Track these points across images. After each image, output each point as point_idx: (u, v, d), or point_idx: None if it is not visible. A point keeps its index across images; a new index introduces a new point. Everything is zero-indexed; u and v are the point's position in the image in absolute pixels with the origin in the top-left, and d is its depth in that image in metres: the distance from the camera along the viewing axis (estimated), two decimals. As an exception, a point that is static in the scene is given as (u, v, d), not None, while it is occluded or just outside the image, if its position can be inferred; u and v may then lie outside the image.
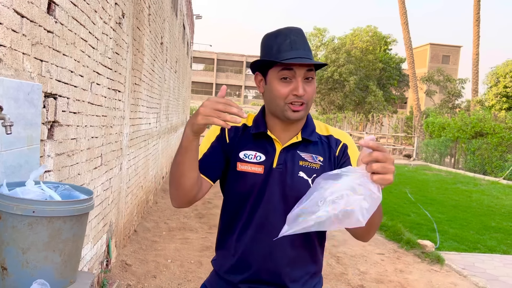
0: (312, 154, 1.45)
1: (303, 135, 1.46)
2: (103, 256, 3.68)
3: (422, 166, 17.56)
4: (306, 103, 1.39)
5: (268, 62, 1.39)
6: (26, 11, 1.79)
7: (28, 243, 1.40)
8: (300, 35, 1.40)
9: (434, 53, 51.37)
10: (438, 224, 7.11)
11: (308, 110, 1.43)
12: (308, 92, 1.38)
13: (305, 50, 1.38)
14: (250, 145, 1.47)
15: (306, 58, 1.36)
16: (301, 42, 1.39)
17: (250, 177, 1.44)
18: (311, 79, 1.39)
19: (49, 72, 2.09)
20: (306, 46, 1.39)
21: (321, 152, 1.46)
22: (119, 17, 3.66)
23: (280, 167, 1.44)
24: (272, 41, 1.40)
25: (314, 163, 1.44)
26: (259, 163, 1.45)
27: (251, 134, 1.48)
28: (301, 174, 1.43)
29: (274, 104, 1.41)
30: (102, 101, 3.22)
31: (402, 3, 24.10)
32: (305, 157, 1.45)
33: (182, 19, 12.46)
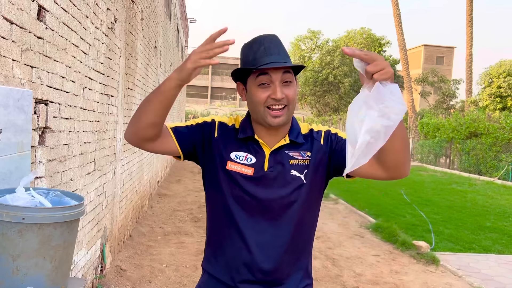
0: (300, 151, 1.48)
1: (290, 137, 1.48)
2: (97, 261, 3.66)
3: (417, 167, 17.61)
4: (287, 105, 1.41)
5: (245, 70, 1.43)
6: (15, 17, 1.79)
7: (18, 250, 1.39)
8: (274, 41, 1.43)
9: (428, 54, 51.63)
10: (434, 224, 7.13)
11: (291, 114, 1.45)
12: (288, 94, 1.40)
13: (279, 55, 1.40)
14: (241, 147, 1.49)
15: (281, 62, 1.38)
16: (275, 47, 1.41)
17: (239, 177, 1.46)
18: (290, 82, 1.41)
19: (39, 78, 2.09)
20: (281, 51, 1.41)
21: (308, 148, 1.49)
22: (111, 22, 3.66)
23: (272, 169, 1.46)
24: (248, 50, 1.44)
25: (303, 159, 1.47)
26: (249, 165, 1.47)
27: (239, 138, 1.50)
28: (293, 172, 1.46)
29: (256, 111, 1.43)
30: (95, 106, 3.22)
31: (396, 5, 24.22)
32: (294, 156, 1.47)
33: (176, 23, 12.47)
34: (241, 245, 1.47)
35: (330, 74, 35.36)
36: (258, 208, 1.46)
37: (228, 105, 54.16)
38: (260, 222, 1.46)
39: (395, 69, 39.56)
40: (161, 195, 8.54)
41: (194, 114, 39.14)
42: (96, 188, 3.41)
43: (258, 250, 1.47)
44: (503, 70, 34.15)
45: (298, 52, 42.80)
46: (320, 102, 37.79)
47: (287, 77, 1.40)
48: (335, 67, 35.47)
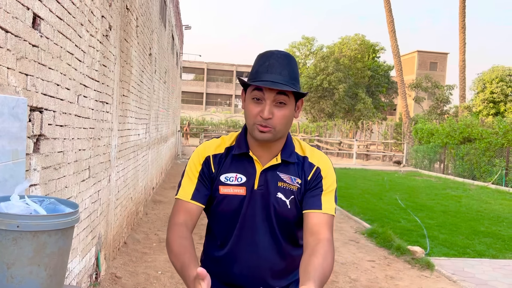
0: (291, 175, 1.49)
1: (282, 157, 1.49)
2: (92, 269, 3.65)
3: (412, 172, 17.69)
4: (273, 127, 1.39)
5: (243, 82, 1.46)
6: (10, 26, 1.80)
7: (12, 258, 1.39)
8: (281, 59, 1.40)
9: (422, 60, 52.02)
10: (428, 229, 7.16)
11: (277, 134, 1.42)
12: (276, 116, 1.39)
13: (280, 75, 1.37)
14: (232, 168, 1.50)
15: (277, 83, 1.36)
16: (279, 66, 1.39)
17: (232, 199, 1.48)
18: (284, 104, 1.39)
19: (34, 86, 2.10)
20: (283, 71, 1.38)
21: (299, 174, 1.50)
22: (106, 30, 3.68)
23: (262, 188, 1.48)
24: (257, 61, 1.44)
25: (292, 185, 1.48)
26: (240, 185, 1.49)
27: (232, 155, 1.51)
28: (279, 195, 1.47)
29: (247, 122, 1.45)
30: (90, 114, 3.22)
31: (389, 11, 24.43)
32: (284, 178, 1.48)
33: (171, 30, 12.51)
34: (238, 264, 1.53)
35: (324, 80, 35.50)
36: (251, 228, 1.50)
37: (223, 111, 54.19)
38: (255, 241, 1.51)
39: (389, 75, 39.84)
40: (156, 202, 8.52)
41: (189, 120, 39.11)
42: (90, 195, 3.41)
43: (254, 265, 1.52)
44: (495, 76, 34.46)
45: (293, 58, 42.95)
46: (315, 108, 37.91)
47: (281, 98, 1.38)
48: (329, 73, 35.63)
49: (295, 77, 1.41)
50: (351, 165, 19.43)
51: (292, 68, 1.41)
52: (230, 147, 1.54)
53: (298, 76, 1.45)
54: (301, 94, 1.44)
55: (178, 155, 19.30)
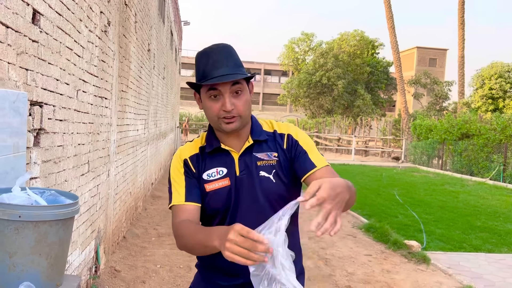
0: (266, 152, 1.54)
1: (253, 138, 1.54)
2: (91, 262, 3.70)
3: (410, 168, 17.75)
4: (238, 115, 1.46)
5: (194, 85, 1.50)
6: (11, 21, 1.84)
7: (14, 247, 1.44)
8: (222, 52, 1.46)
9: (421, 56, 52.00)
10: (425, 224, 7.22)
11: (244, 120, 1.49)
12: (238, 105, 1.45)
13: (228, 67, 1.43)
14: (210, 164, 1.54)
15: (228, 75, 1.41)
16: (223, 59, 1.44)
17: (220, 192, 1.51)
18: (240, 92, 1.45)
19: (34, 80, 2.13)
20: (229, 62, 1.44)
21: (273, 148, 1.55)
22: (105, 25, 3.70)
23: (244, 172, 1.52)
24: (199, 62, 1.48)
25: (270, 160, 1.53)
26: (223, 177, 1.52)
27: (207, 153, 1.55)
28: (262, 173, 1.52)
29: (211, 121, 1.51)
30: (89, 108, 3.26)
31: (389, 7, 24.42)
32: (261, 157, 1.53)
33: (170, 25, 12.51)
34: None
35: (323, 76, 35.50)
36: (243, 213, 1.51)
37: (222, 108, 54.06)
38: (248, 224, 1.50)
39: (388, 71, 39.82)
40: (155, 197, 8.57)
41: (188, 116, 39.09)
42: (90, 189, 3.45)
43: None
44: (494, 72, 34.50)
45: (292, 55, 42.94)
46: (314, 104, 37.92)
47: (236, 88, 1.44)
48: (328, 69, 35.62)
49: (240, 64, 1.48)
50: (350, 161, 19.48)
51: (234, 57, 1.48)
52: (203, 146, 1.58)
53: (241, 62, 1.51)
54: (250, 77, 1.50)
55: (177, 151, 19.30)
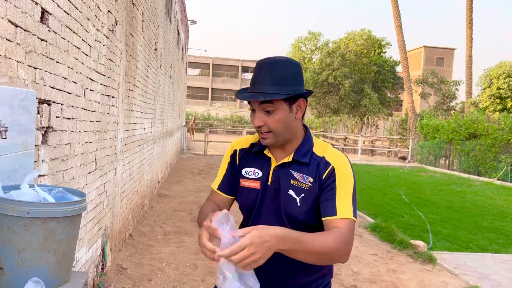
0: (303, 174, 1.51)
1: (294, 156, 1.52)
2: (98, 259, 3.73)
3: (417, 168, 17.67)
4: (270, 131, 1.48)
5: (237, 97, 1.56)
6: (20, 20, 1.86)
7: (23, 243, 1.46)
8: (266, 67, 1.45)
9: (429, 55, 51.71)
10: (432, 224, 7.19)
11: (278, 137, 1.49)
12: (268, 123, 1.46)
13: (263, 85, 1.43)
14: (252, 163, 1.60)
15: (256, 93, 1.44)
16: (264, 76, 1.44)
17: (249, 191, 1.57)
18: (272, 111, 1.45)
19: (43, 79, 2.16)
20: (266, 80, 1.43)
21: (312, 173, 1.50)
22: (112, 24, 3.73)
23: (275, 184, 1.53)
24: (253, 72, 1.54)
25: (304, 183, 1.50)
26: (256, 179, 1.57)
27: (253, 152, 1.62)
28: (290, 192, 1.51)
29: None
30: (96, 107, 3.29)
31: (396, 6, 24.30)
32: (296, 177, 1.51)
33: (177, 24, 12.55)
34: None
35: (330, 76, 35.43)
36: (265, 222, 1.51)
37: (228, 107, 54.22)
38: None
39: (395, 70, 39.62)
40: (162, 196, 8.60)
41: (194, 115, 39.18)
42: (97, 187, 3.48)
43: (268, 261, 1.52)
44: (502, 72, 34.23)
45: (298, 54, 42.88)
46: (320, 103, 37.86)
47: (265, 107, 1.44)
48: (335, 69, 35.54)
49: (279, 83, 1.43)
50: (356, 161, 19.43)
51: (277, 74, 1.44)
52: (254, 143, 1.64)
53: (290, 78, 1.45)
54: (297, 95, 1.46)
55: (184, 150, 19.39)
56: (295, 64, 1.49)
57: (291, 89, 1.44)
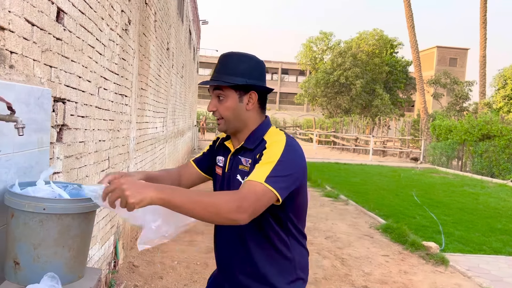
0: (247, 158, 1.60)
1: (244, 144, 1.62)
2: (110, 257, 3.76)
3: (429, 169, 17.51)
4: (222, 118, 1.59)
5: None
6: (36, 19, 1.88)
7: (39, 239, 1.48)
8: (224, 59, 1.60)
9: (441, 55, 51.20)
10: (444, 226, 7.12)
11: (229, 124, 1.60)
12: (219, 109, 1.58)
13: (219, 73, 1.58)
14: (221, 152, 1.74)
15: (213, 80, 1.57)
16: (220, 66, 1.59)
17: (216, 178, 1.74)
18: (222, 98, 1.57)
19: (58, 77, 2.18)
20: (222, 69, 1.58)
21: (251, 156, 1.59)
22: (126, 24, 3.76)
23: (230, 171, 1.65)
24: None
25: (246, 166, 1.60)
26: (220, 167, 1.70)
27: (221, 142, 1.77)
28: (238, 176, 1.61)
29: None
30: (109, 106, 3.32)
31: (408, 6, 24.11)
32: (242, 161, 1.61)
33: (188, 24, 12.61)
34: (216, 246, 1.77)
35: (341, 76, 35.27)
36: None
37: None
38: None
39: (408, 70, 39.29)
40: (173, 195, 8.64)
41: (205, 115, 39.29)
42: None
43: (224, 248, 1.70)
44: (517, 72, 33.70)
45: (310, 54, 42.76)
46: (331, 103, 37.71)
47: (218, 93, 1.58)
48: (346, 69, 35.37)
49: (232, 73, 1.56)
50: (368, 162, 19.32)
51: (231, 65, 1.57)
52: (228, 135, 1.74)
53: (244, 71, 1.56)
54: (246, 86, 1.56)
55: (195, 149, 19.46)
56: (255, 61, 1.61)
57: (243, 80, 1.55)
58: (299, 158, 1.52)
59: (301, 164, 1.52)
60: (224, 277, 1.70)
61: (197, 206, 1.29)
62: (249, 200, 1.33)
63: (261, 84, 1.59)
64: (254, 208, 1.34)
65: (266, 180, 1.38)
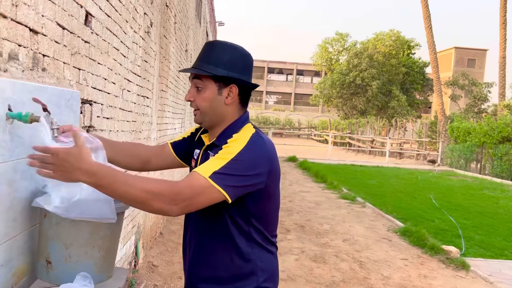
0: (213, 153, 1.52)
1: (215, 140, 1.55)
2: (131, 256, 3.80)
3: (447, 172, 17.27)
4: (198, 109, 1.52)
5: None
6: (66, 23, 1.92)
7: (71, 238, 1.50)
8: (207, 47, 1.53)
9: (459, 56, 50.48)
10: (464, 230, 7.02)
11: (204, 117, 1.53)
12: (196, 99, 1.51)
13: (200, 61, 1.50)
14: (197, 145, 1.69)
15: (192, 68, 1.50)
16: (202, 53, 1.52)
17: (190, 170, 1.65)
18: (201, 88, 1.50)
19: (85, 80, 2.22)
20: (204, 57, 1.50)
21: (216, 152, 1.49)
22: (148, 26, 3.80)
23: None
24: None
25: None
26: (195, 160, 1.66)
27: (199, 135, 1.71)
28: None
29: None
30: (132, 107, 3.36)
31: (426, 6, 23.85)
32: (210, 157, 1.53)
33: (206, 26, 12.68)
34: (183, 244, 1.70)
35: (357, 77, 35.04)
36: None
37: (253, 107, 54.35)
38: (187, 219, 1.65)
39: (425, 71, 38.80)
40: (190, 195, 8.70)
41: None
42: (131, 185, 3.54)
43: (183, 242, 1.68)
44: (538, 73, 32.97)
45: (325, 55, 42.59)
46: (347, 104, 37.48)
47: (197, 83, 1.50)
48: (362, 70, 35.13)
49: (213, 62, 1.47)
50: (384, 164, 19.14)
51: (214, 54, 1.49)
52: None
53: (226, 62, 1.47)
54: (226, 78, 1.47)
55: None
56: (238, 51, 1.51)
57: (224, 72, 1.46)
58: (260, 159, 1.42)
59: (262, 165, 1.42)
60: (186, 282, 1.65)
61: (131, 189, 1.25)
62: (185, 194, 1.30)
63: (243, 78, 1.49)
64: (188, 203, 1.31)
65: (211, 176, 1.32)
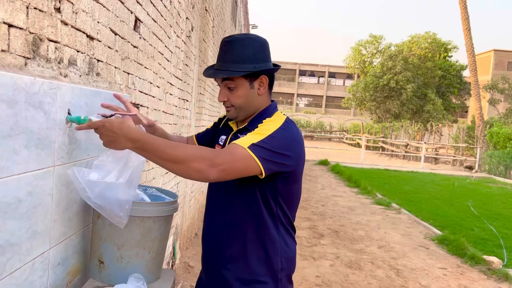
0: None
1: (246, 125, 1.59)
2: (169, 257, 3.86)
3: (485, 179, 16.69)
4: (232, 106, 1.58)
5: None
6: (118, 29, 1.97)
7: (123, 240, 1.54)
8: (226, 45, 1.55)
9: (499, 59, 48.74)
10: (505, 240, 6.76)
11: (240, 111, 1.58)
12: (230, 98, 1.56)
13: (224, 62, 1.53)
14: (223, 130, 1.75)
15: (216, 71, 1.55)
16: (224, 54, 1.54)
17: None
18: (233, 87, 1.54)
19: (134, 84, 2.28)
20: (227, 57, 1.53)
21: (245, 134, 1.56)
22: (189, 31, 3.86)
23: None
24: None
25: None
26: (220, 145, 1.70)
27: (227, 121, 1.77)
28: None
29: None
30: (173, 110, 3.41)
31: (464, 8, 23.17)
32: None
33: (240, 29, 12.77)
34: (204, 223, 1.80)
35: (391, 80, 34.39)
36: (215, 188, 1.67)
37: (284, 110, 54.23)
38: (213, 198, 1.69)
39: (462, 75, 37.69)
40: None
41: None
42: (171, 187, 3.61)
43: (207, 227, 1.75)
44: None
45: (359, 57, 42.04)
46: (380, 108, 36.83)
47: (228, 83, 1.55)
48: (397, 73, 34.45)
49: (238, 60, 1.51)
50: (419, 169, 18.69)
51: (236, 52, 1.52)
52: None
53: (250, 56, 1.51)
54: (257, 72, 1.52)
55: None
56: (257, 41, 1.56)
57: (251, 66, 1.51)
58: (294, 141, 1.49)
59: (295, 147, 1.48)
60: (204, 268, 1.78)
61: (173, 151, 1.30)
62: (224, 158, 1.33)
63: (268, 66, 1.55)
64: (226, 167, 1.33)
65: (250, 147, 1.37)
